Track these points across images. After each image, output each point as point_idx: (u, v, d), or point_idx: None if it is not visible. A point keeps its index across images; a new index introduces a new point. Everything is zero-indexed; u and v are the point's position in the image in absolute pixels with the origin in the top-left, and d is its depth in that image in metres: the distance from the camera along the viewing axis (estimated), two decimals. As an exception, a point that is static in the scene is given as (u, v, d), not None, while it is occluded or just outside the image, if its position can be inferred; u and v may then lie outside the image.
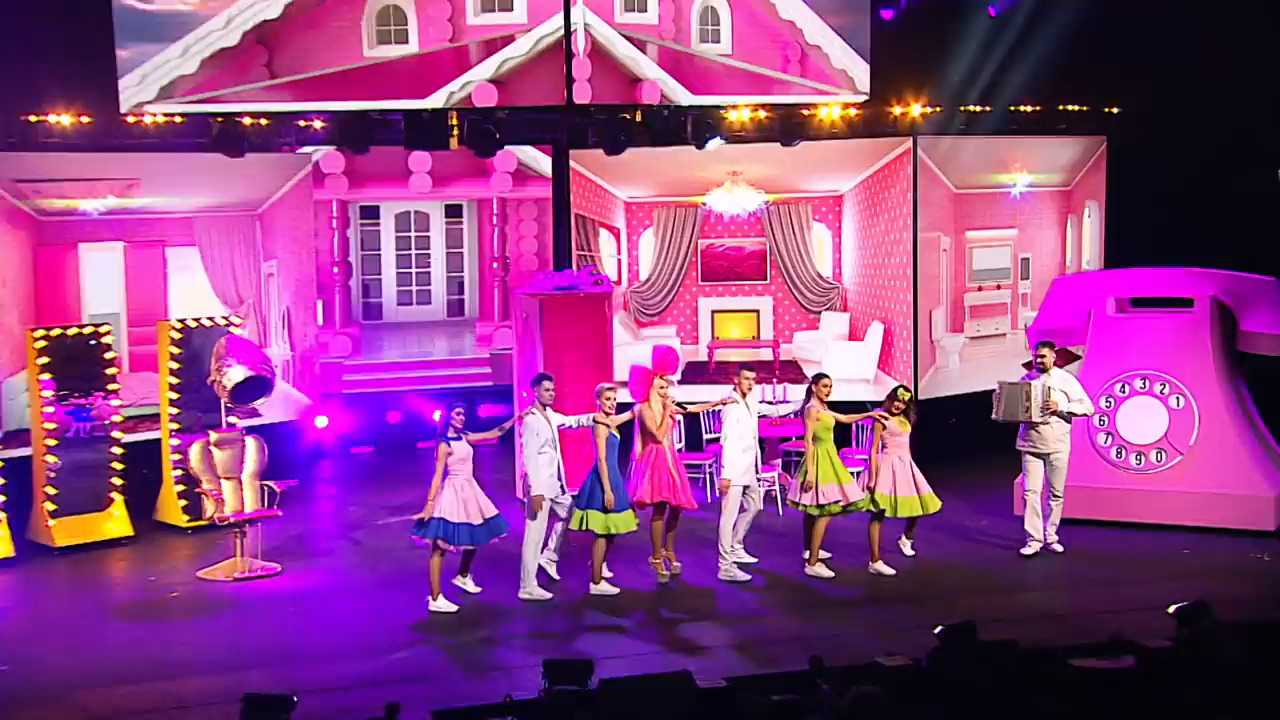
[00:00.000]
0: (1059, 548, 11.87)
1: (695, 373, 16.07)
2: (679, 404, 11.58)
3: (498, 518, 10.93)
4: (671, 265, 16.47)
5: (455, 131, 15.57)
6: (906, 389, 11.76)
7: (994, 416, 11.89)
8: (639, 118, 15.60)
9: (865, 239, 16.04)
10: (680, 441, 13.44)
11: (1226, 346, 12.53)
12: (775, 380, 15.49)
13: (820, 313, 16.32)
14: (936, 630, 9.02)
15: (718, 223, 16.43)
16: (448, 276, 17.63)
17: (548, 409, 11.16)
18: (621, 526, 11.05)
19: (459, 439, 10.83)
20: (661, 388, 11.37)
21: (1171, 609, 8.37)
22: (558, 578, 11.31)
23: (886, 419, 11.58)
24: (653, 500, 11.26)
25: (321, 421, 16.15)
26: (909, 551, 11.94)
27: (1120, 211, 17.19)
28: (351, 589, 11.49)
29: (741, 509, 11.53)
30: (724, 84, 15.75)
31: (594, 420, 11.10)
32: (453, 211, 17.62)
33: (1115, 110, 17.07)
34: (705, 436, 14.10)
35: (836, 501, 11.33)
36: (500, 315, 17.67)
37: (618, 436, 11.23)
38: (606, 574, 11.21)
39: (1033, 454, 11.84)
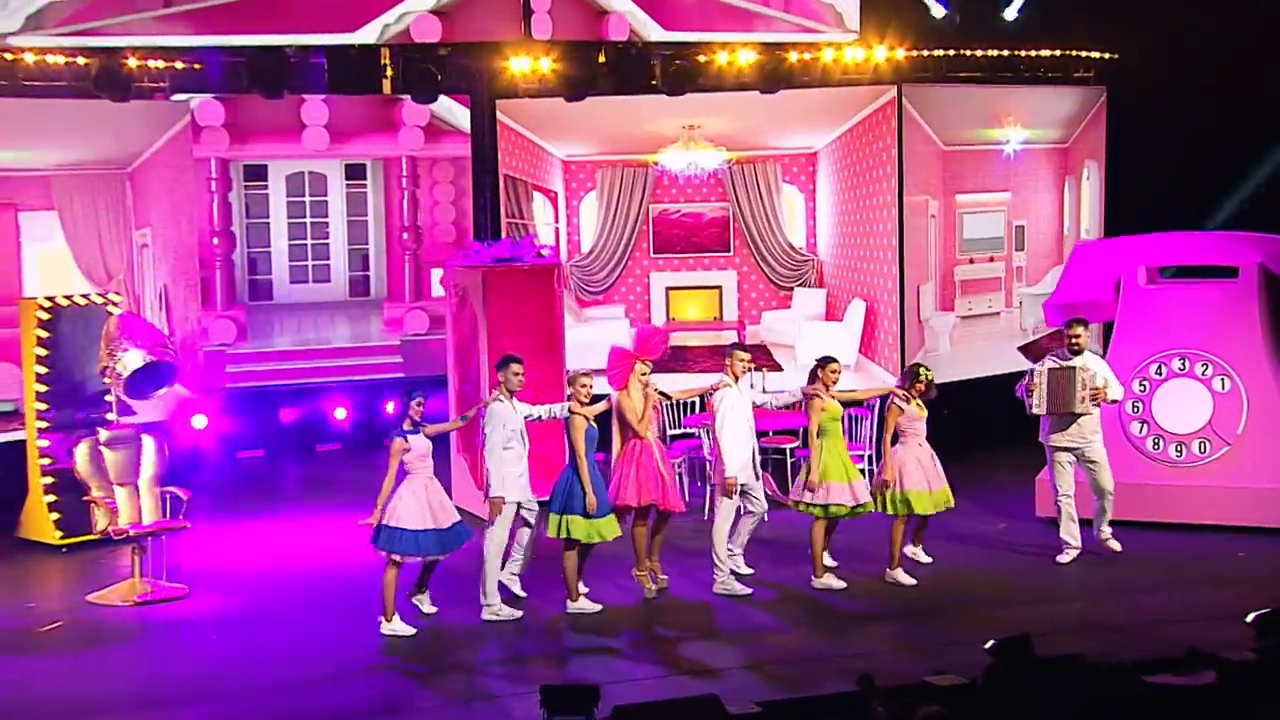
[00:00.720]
0: (1116, 545, 11.97)
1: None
2: (662, 392, 11.51)
3: (462, 524, 10.80)
4: (618, 235, 16.40)
5: (389, 73, 15.33)
6: (928, 368, 11.80)
7: (1033, 410, 11.94)
8: (603, 58, 15.52)
9: (843, 203, 16.11)
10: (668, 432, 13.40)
11: (1276, 320, 12.78)
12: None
13: (792, 289, 16.37)
14: (987, 645, 9.16)
15: (672, 185, 16.38)
16: (349, 249, 17.40)
17: (514, 397, 11.02)
18: (607, 533, 10.96)
19: (416, 432, 10.66)
20: (642, 374, 11.28)
21: (1250, 617, 8.50)
22: (524, 594, 11.18)
23: (905, 403, 11.62)
24: (639, 504, 11.18)
25: (200, 421, 15.79)
26: (925, 559, 12.01)
27: (1121, 172, 17.50)
28: (278, 611, 11.25)
29: (741, 512, 11.48)
30: (700, 19, 15.74)
31: (568, 411, 10.99)
32: (355, 172, 17.38)
33: (1115, 56, 17.37)
34: (670, 431, 14.04)
35: (843, 503, 11.35)
36: (412, 295, 17.47)
37: (596, 429, 11.13)
38: (582, 588, 11.11)
39: (1065, 450, 11.91)
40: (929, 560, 12.00)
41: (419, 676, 9.86)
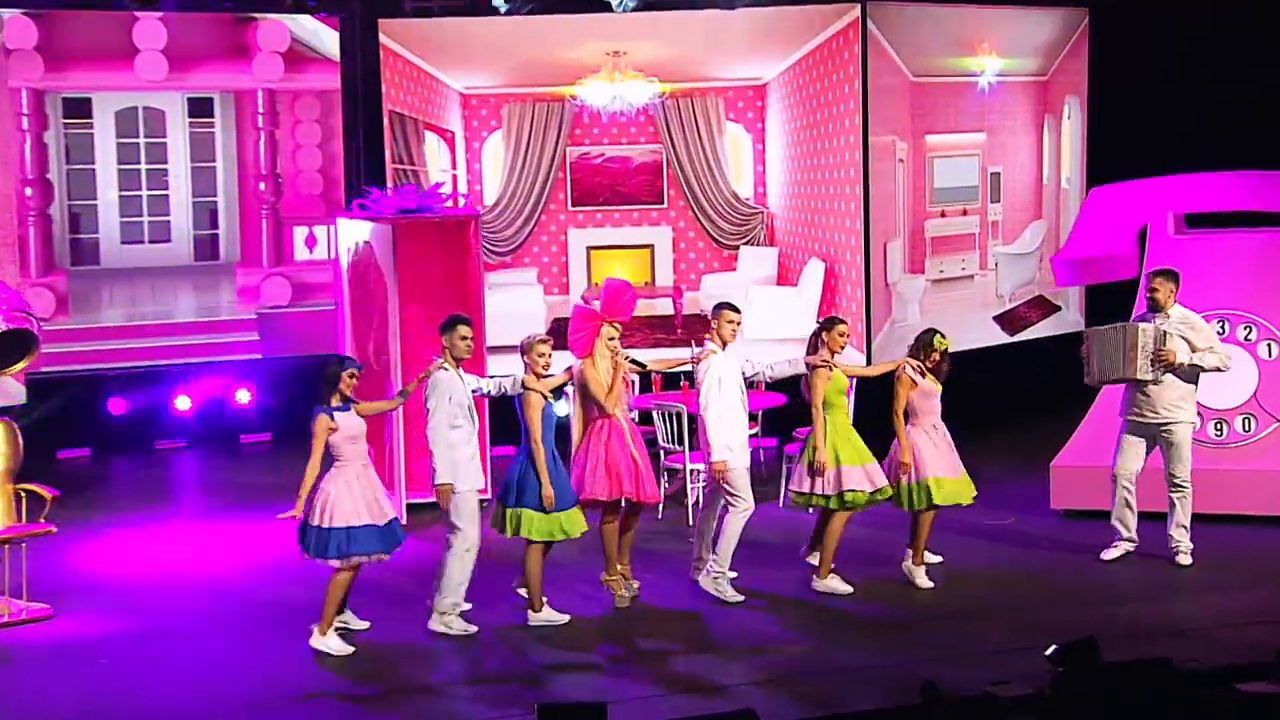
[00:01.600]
0: (1185, 559, 12.08)
1: (560, 335, 15.98)
2: (635, 361, 11.54)
3: (397, 521, 10.75)
4: (529, 184, 16.38)
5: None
6: (943, 335, 11.96)
7: (1088, 380, 12.18)
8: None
9: (798, 145, 16.27)
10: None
11: (1327, 275, 13.22)
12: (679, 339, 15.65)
13: (738, 248, 16.48)
14: (1048, 651, 9.38)
15: (593, 124, 16.39)
16: (194, 203, 17.15)
17: (460, 366, 10.98)
18: (572, 529, 10.95)
19: (346, 410, 10.56)
20: (611, 339, 11.30)
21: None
22: (467, 605, 11.16)
23: (919, 375, 11.77)
24: (610, 497, 11.19)
25: None
26: (934, 557, 12.17)
27: (1105, 109, 17.90)
28: (176, 629, 11.16)
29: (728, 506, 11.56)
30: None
31: (522, 385, 10.96)
32: (200, 108, 17.11)
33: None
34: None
35: (861, 489, 11.47)
36: (271, 258, 17.29)
37: (554, 406, 11.13)
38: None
39: (1135, 426, 12.06)
40: (939, 559, 12.17)
41: (372, 702, 9.79)
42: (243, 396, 17.02)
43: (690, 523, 13.15)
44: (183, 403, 16.89)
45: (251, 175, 17.28)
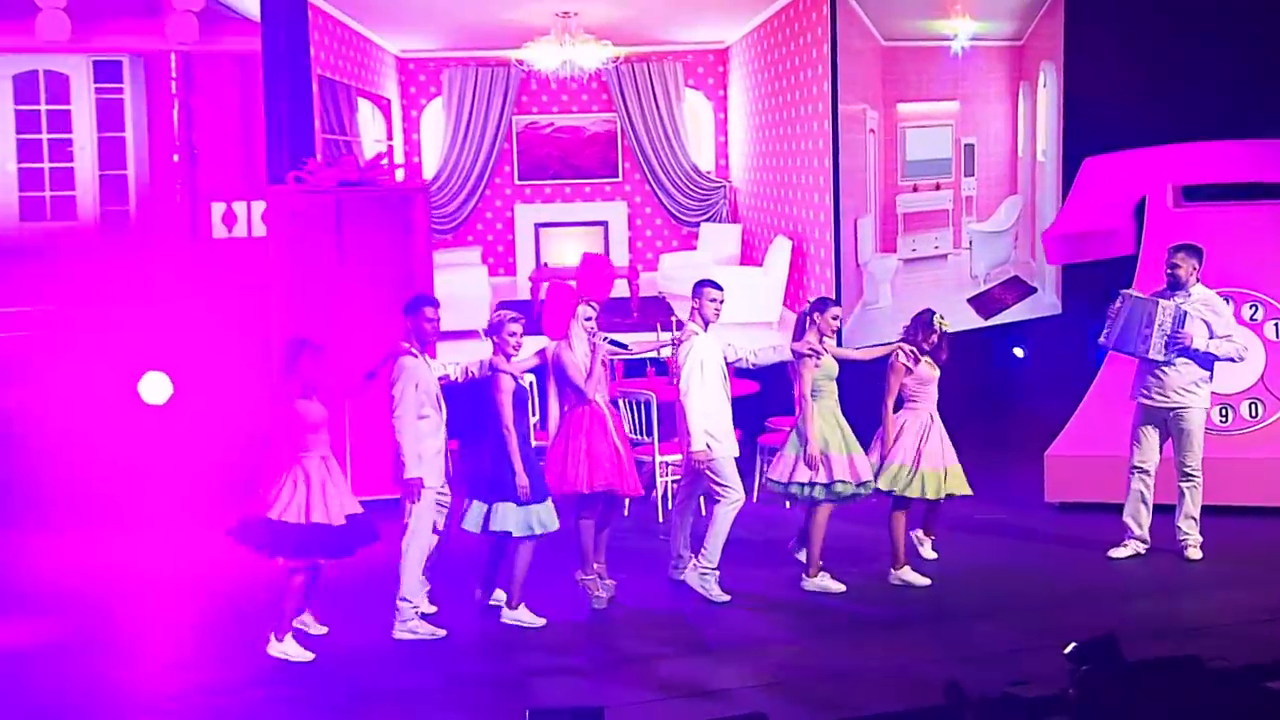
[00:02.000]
0: (1194, 553, 12.28)
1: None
2: (615, 342, 11.63)
3: (365, 517, 10.78)
4: (472, 156, 16.45)
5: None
6: (943, 316, 12.13)
7: (1100, 340, 12.30)
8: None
9: (762, 115, 16.41)
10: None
11: (1335, 250, 13.51)
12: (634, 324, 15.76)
13: (698, 225, 16.62)
14: (1067, 650, 9.57)
15: (542, 90, 16.50)
16: (101, 175, 17.11)
17: (427, 351, 11.04)
18: (548, 523, 11.04)
19: (309, 396, 10.61)
20: (588, 318, 11.40)
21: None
22: (434, 608, 11.25)
23: (913, 361, 11.92)
24: (590, 489, 11.27)
25: None
26: (930, 554, 12.36)
27: (1082, 76, 18.15)
28: (108, 641, 11.16)
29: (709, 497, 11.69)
30: None
31: (491, 368, 11.04)
32: (107, 73, 17.09)
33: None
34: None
35: (847, 480, 11.62)
36: (189, 236, 17.27)
37: (527, 392, 11.20)
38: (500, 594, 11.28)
39: (1149, 411, 12.20)
40: (935, 556, 12.35)
41: (343, 708, 9.85)
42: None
43: (660, 518, 13.29)
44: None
45: (164, 147, 17.23)
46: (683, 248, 16.52)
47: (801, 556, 12.03)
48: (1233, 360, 12.22)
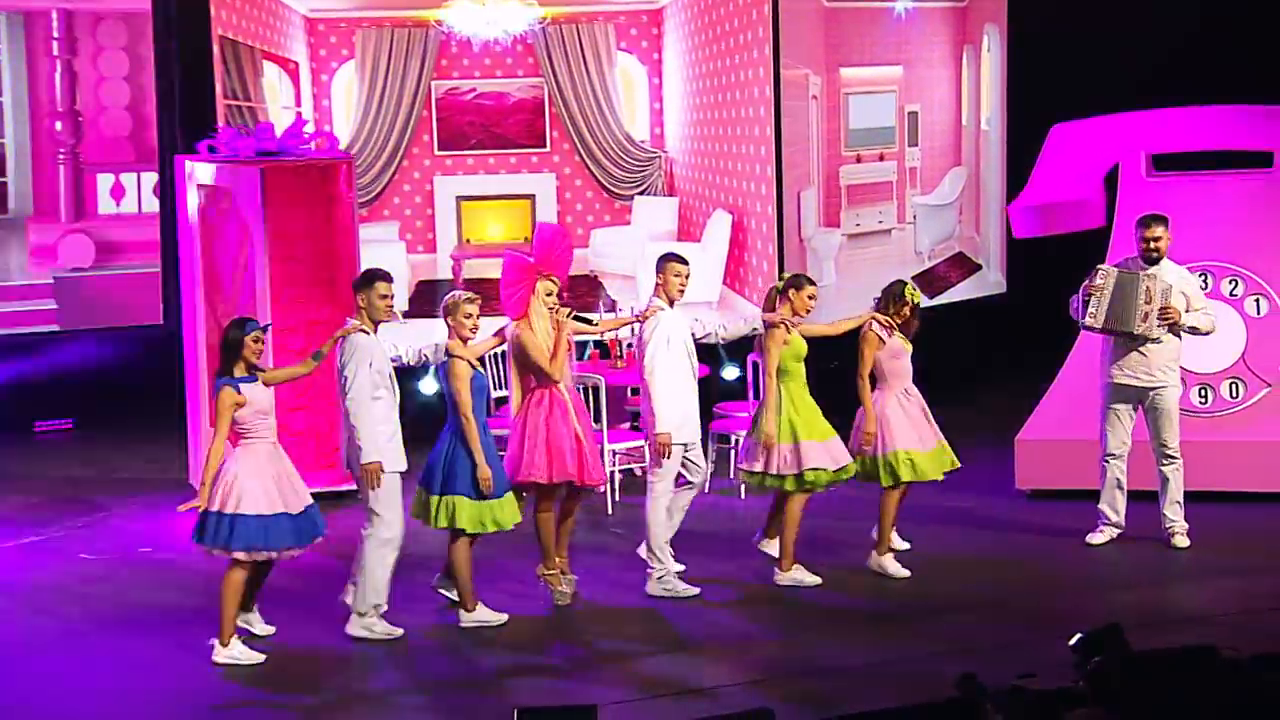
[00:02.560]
0: (1182, 541, 12.59)
1: (428, 299, 16.19)
2: (579, 317, 11.75)
3: (316, 508, 10.87)
4: (387, 124, 16.48)
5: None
6: (914, 286, 12.37)
7: (1086, 322, 12.42)
8: None
9: (700, 80, 16.55)
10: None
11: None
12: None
13: (632, 198, 16.76)
14: (1073, 641, 9.85)
15: (463, 54, 16.52)
16: (-24, 146, 17.01)
17: (378, 330, 11.12)
18: (505, 519, 11.14)
19: (252, 380, 10.66)
20: (549, 294, 11.52)
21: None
22: (384, 606, 11.35)
23: (886, 334, 12.14)
24: (550, 479, 11.41)
25: None
26: (901, 544, 12.58)
27: (1027, 40, 18.49)
28: (46, 639, 11.25)
29: (677, 483, 11.86)
30: None
31: (446, 352, 11.13)
32: (-20, 34, 17.03)
33: None
34: (496, 394, 14.14)
35: (822, 466, 11.82)
36: (70, 213, 17.19)
37: (485, 376, 11.31)
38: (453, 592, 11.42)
39: (1125, 391, 12.49)
40: (907, 546, 12.59)
41: (303, 714, 9.99)
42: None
43: (610, 511, 13.47)
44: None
45: (45, 113, 17.13)
46: (615, 222, 16.64)
47: (768, 548, 12.22)
48: (1208, 333, 12.53)
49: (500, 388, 13.65)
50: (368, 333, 10.99)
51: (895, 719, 9.44)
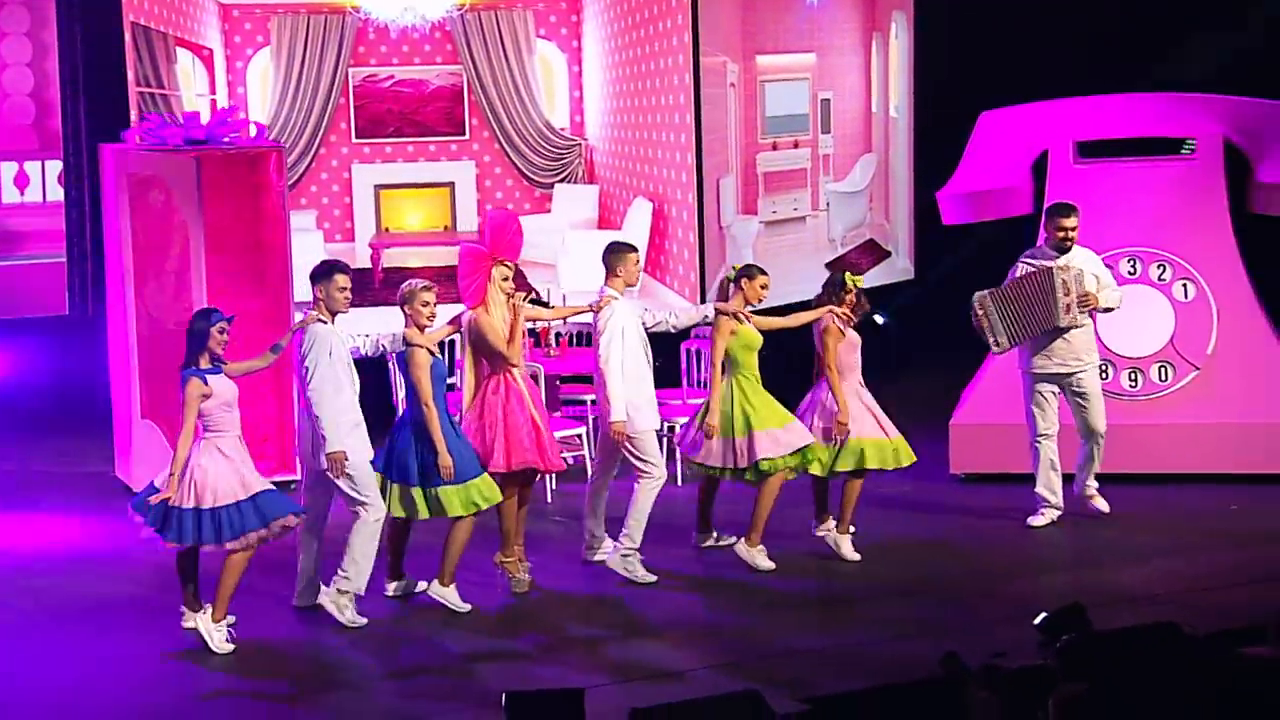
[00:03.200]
0: (1102, 504, 13.16)
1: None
2: (536, 300, 11.99)
3: (274, 494, 11.03)
4: (304, 112, 16.59)
5: None
6: (854, 274, 12.73)
7: (996, 350, 12.97)
8: None
9: (620, 68, 16.79)
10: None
11: (1239, 209, 14.32)
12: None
13: (552, 186, 16.99)
14: (1038, 620, 10.30)
15: (381, 41, 16.68)
16: None
17: (337, 319, 11.33)
18: (493, 495, 11.40)
19: (217, 371, 10.83)
20: (505, 278, 11.78)
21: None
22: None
23: (846, 324, 12.49)
24: (510, 467, 11.65)
25: None
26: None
27: (933, 27, 18.93)
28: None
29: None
30: None
31: (404, 341, 11.37)
32: None
33: None
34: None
35: (775, 455, 12.11)
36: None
37: (444, 363, 11.53)
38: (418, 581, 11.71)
39: (1048, 378, 12.97)
40: (853, 530, 12.94)
41: (290, 700, 10.19)
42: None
43: (549, 499, 13.75)
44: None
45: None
46: (536, 211, 16.85)
47: (710, 542, 12.56)
48: (1113, 309, 13.05)
49: (449, 375, 13.84)
50: (326, 323, 11.16)
51: (880, 699, 9.85)
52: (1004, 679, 9.17)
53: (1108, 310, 13.01)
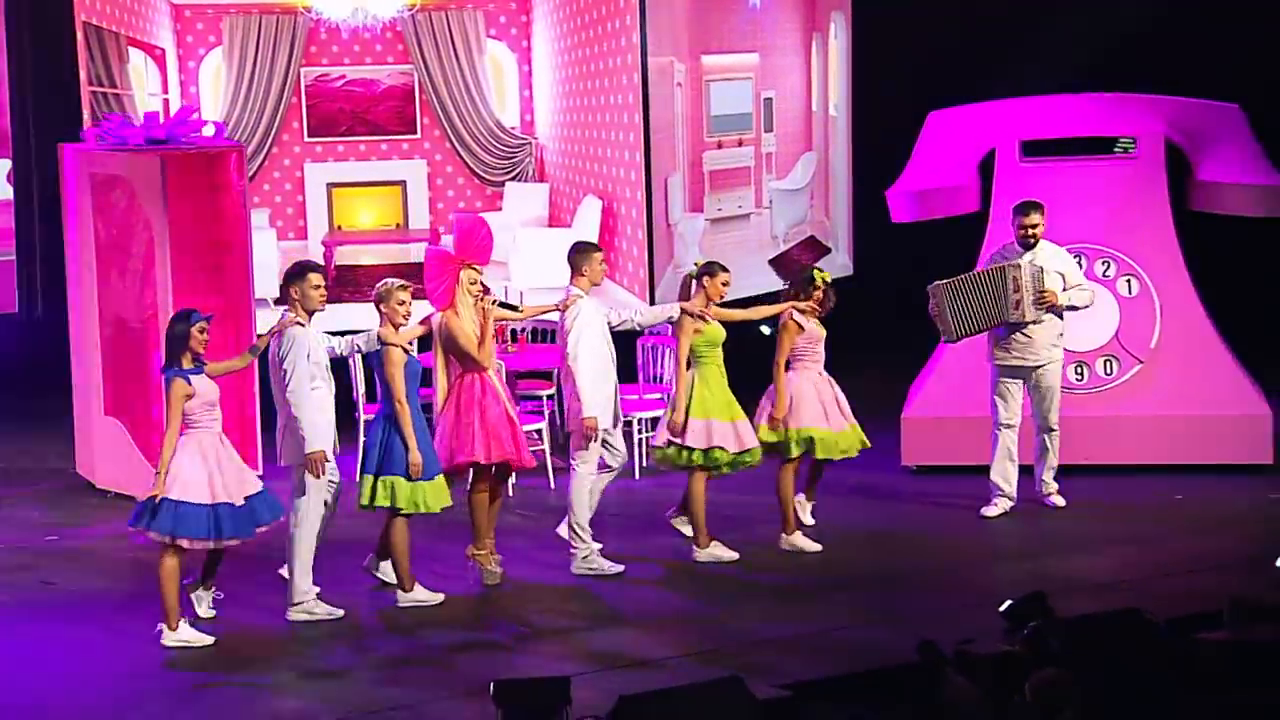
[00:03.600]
0: (1059, 500, 13.59)
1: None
2: (505, 304, 12.31)
3: (266, 495, 11.31)
4: (256, 112, 16.79)
5: None
6: (822, 269, 13.12)
7: (947, 339, 13.43)
8: None
9: (569, 67, 17.06)
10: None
11: (1179, 206, 14.79)
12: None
13: (503, 185, 17.26)
14: (1003, 608, 10.73)
15: (332, 40, 16.94)
16: None
17: (312, 320, 11.61)
18: (433, 502, 11.67)
19: (199, 371, 11.06)
20: (473, 282, 12.09)
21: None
22: (317, 587, 11.82)
23: (805, 318, 12.88)
24: (487, 459, 11.93)
25: None
26: (808, 519, 13.32)
27: (871, 27, 19.34)
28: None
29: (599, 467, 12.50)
30: None
31: (379, 341, 11.66)
32: None
33: None
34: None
35: (725, 447, 12.50)
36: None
37: (419, 362, 11.81)
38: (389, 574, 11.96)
39: (1010, 370, 13.43)
40: (812, 521, 13.32)
41: (272, 690, 10.45)
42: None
43: (509, 492, 14.05)
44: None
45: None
46: (487, 209, 17.12)
47: (679, 525, 12.90)
48: (1085, 308, 13.49)
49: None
50: (303, 324, 11.44)
51: (859, 684, 10.26)
52: (981, 664, 9.58)
53: (1074, 308, 13.41)
